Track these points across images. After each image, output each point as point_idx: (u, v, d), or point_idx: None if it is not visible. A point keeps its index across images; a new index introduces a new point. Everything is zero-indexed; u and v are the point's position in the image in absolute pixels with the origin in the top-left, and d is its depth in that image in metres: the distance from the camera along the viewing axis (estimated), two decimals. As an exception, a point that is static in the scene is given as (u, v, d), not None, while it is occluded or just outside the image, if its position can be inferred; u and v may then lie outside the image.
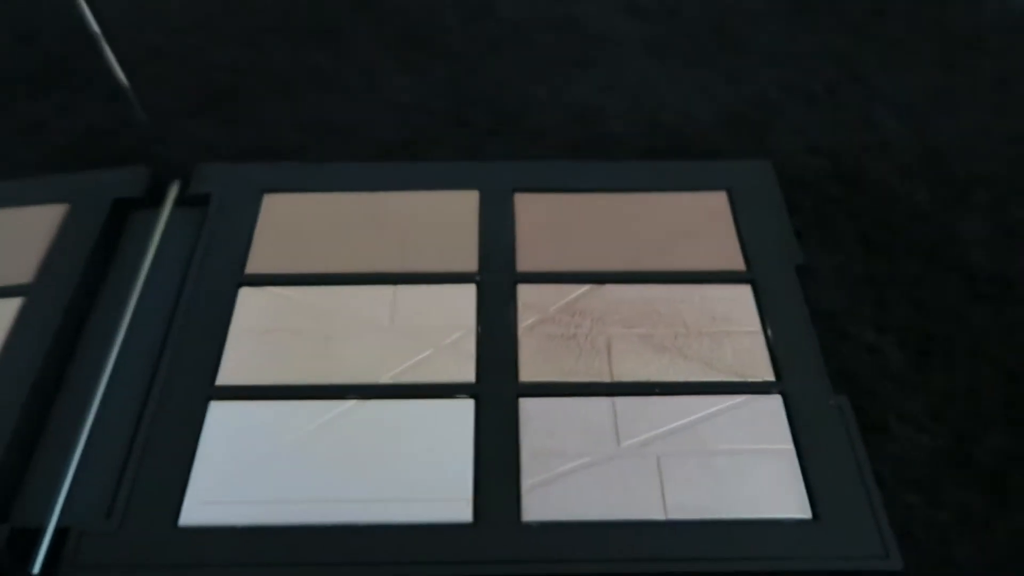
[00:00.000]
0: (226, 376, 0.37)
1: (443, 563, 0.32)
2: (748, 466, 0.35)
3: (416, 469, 0.34)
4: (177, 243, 0.42)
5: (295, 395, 0.36)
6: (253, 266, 0.41)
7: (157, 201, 0.43)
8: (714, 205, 0.44)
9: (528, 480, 0.34)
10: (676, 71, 0.54)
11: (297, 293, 0.40)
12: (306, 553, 0.32)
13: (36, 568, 0.31)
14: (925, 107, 0.52)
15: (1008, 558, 0.34)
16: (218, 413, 0.36)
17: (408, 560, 0.32)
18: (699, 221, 0.43)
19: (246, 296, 0.40)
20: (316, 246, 0.42)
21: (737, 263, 0.42)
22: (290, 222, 0.43)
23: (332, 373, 0.37)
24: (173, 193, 0.43)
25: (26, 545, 0.32)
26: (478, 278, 0.40)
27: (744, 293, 0.41)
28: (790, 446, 0.36)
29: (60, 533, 0.32)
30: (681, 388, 0.37)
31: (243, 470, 0.34)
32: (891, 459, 0.36)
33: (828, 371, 0.38)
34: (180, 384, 0.36)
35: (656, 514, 0.33)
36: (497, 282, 0.40)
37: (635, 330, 0.39)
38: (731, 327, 0.39)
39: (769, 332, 0.39)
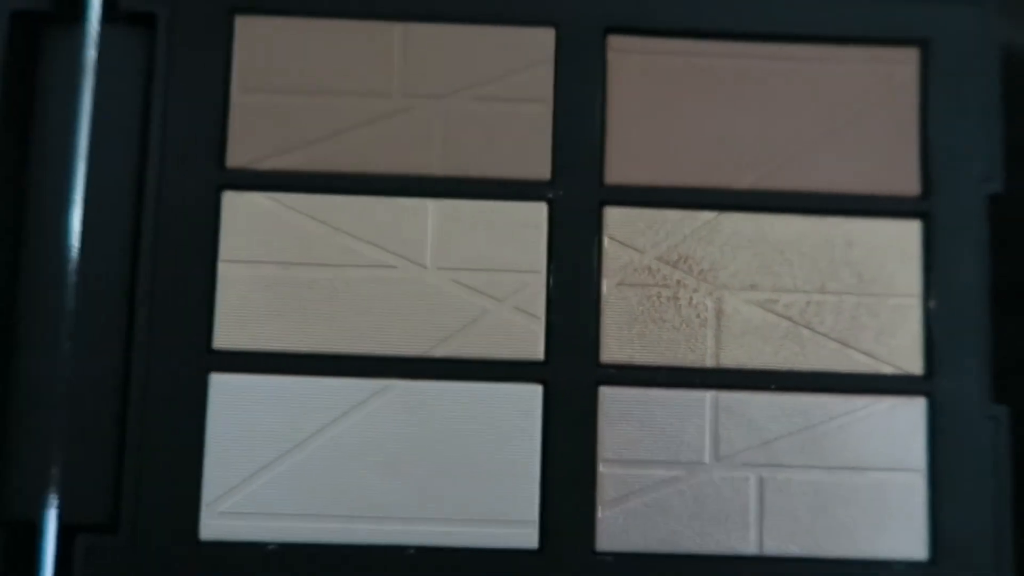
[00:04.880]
0: (224, 336, 0.30)
1: (503, 598, 0.29)
2: (865, 493, 0.29)
3: (471, 479, 0.29)
4: (120, 93, 0.30)
5: (315, 368, 0.29)
6: (236, 156, 0.30)
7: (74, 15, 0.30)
8: (895, 73, 0.31)
9: (604, 498, 0.29)
10: None
11: (298, 204, 0.30)
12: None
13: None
14: None
15: None
16: (222, 389, 0.29)
17: (463, 591, 0.29)
18: (869, 101, 0.31)
19: (231, 206, 0.30)
20: (317, 121, 0.30)
21: (909, 183, 0.31)
22: (278, 75, 0.30)
23: (362, 337, 0.30)
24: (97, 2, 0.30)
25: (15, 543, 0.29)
26: (550, 194, 0.30)
27: (909, 234, 0.31)
28: (922, 468, 0.30)
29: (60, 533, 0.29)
30: (803, 382, 0.30)
31: (263, 470, 0.29)
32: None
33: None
34: (167, 345, 0.29)
35: (749, 549, 0.29)
36: (577, 201, 0.31)
37: (755, 293, 0.30)
38: (882, 290, 0.30)
39: (932, 302, 0.30)
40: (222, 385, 0.30)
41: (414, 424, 0.30)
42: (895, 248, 0.31)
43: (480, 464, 0.30)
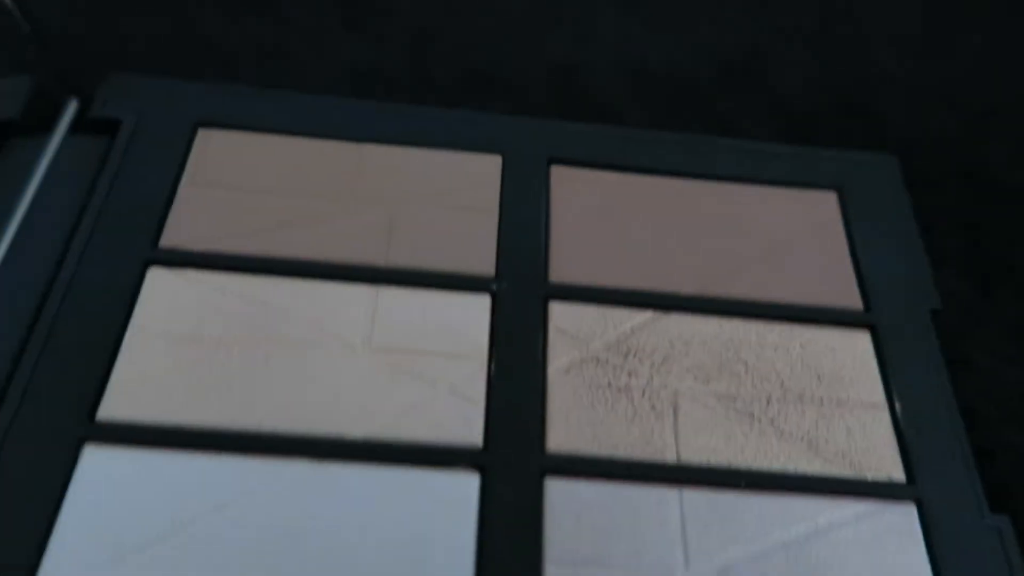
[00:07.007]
0: (111, 406, 0.25)
1: None
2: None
3: (393, 581, 0.24)
4: (66, 189, 0.30)
5: (213, 443, 0.25)
6: (171, 236, 0.29)
7: (44, 126, 0.31)
8: (819, 210, 0.33)
9: (552, 610, 0.24)
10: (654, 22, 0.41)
11: (230, 283, 0.28)
12: None
13: None
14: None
15: None
16: (93, 464, 0.24)
17: None
18: (799, 230, 0.32)
19: (156, 280, 0.28)
20: (264, 214, 0.30)
21: (851, 298, 0.31)
22: (231, 174, 0.31)
23: (273, 414, 0.26)
24: (68, 116, 0.32)
25: None
26: (494, 286, 0.29)
27: (860, 343, 0.30)
28: (929, 583, 0.25)
29: None
30: (777, 481, 0.26)
31: (125, 558, 0.23)
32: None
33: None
34: (43, 410, 0.25)
35: None
36: (521, 295, 0.29)
37: (712, 386, 0.28)
38: (844, 393, 0.29)
39: (898, 406, 0.28)
40: (95, 458, 0.24)
41: (319, 514, 0.24)
42: (851, 354, 0.29)
43: (402, 564, 0.24)
